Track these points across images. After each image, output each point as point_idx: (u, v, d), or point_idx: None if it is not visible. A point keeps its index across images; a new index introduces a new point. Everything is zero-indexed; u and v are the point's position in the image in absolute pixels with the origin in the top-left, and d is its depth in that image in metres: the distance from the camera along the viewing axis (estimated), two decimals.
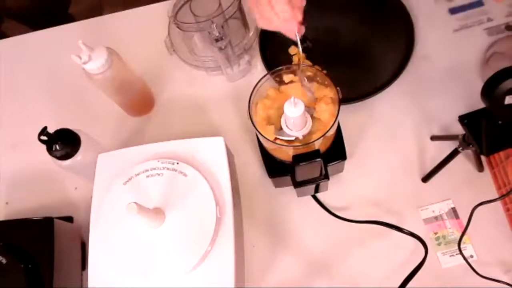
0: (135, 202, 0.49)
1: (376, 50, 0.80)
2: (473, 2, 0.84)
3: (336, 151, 0.64)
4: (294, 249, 0.70)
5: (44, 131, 0.61)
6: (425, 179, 0.71)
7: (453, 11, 0.84)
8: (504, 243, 0.67)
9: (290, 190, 0.70)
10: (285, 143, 0.60)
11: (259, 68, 0.83)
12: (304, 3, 0.60)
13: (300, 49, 0.60)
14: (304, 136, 0.60)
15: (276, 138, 0.60)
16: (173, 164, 0.59)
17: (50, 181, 0.79)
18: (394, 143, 0.75)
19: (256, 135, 0.63)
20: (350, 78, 0.78)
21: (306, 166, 0.59)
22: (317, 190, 0.70)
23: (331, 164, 0.64)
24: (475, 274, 0.63)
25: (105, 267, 0.55)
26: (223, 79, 0.83)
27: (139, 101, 0.81)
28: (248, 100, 0.61)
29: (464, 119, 0.60)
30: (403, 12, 0.81)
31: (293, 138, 0.60)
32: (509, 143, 0.58)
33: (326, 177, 0.64)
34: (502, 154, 0.67)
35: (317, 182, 0.65)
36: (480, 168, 0.71)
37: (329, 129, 0.58)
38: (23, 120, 0.86)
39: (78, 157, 0.65)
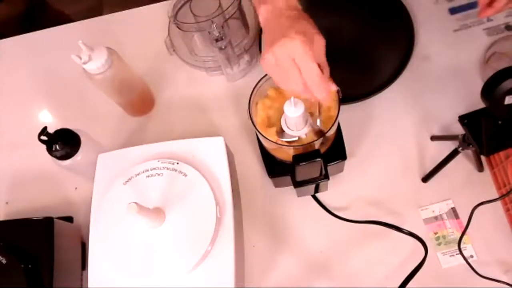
0: (135, 202, 0.49)
1: (376, 50, 0.80)
2: (473, 2, 0.84)
3: (336, 151, 0.64)
4: (294, 249, 0.70)
5: (44, 131, 0.61)
6: (425, 179, 0.71)
7: (453, 11, 0.84)
8: (504, 243, 0.67)
9: (290, 190, 0.70)
10: (286, 143, 0.60)
11: (259, 68, 0.83)
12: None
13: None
14: (306, 135, 0.60)
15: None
16: (173, 164, 0.59)
17: (50, 181, 0.78)
18: (394, 143, 0.75)
19: (256, 135, 0.63)
20: (350, 78, 0.77)
21: (306, 166, 0.59)
22: (317, 190, 0.70)
23: (331, 164, 0.64)
24: (475, 274, 0.63)
25: (105, 267, 0.55)
26: (223, 79, 0.83)
27: (139, 101, 0.81)
28: (248, 100, 0.61)
29: (464, 119, 0.60)
30: (403, 12, 0.81)
31: (294, 139, 0.60)
32: (509, 143, 0.58)
33: (326, 177, 0.64)
34: (502, 154, 0.67)
35: (317, 182, 0.65)
36: (480, 168, 0.71)
37: (329, 129, 0.58)
38: (23, 120, 0.86)
39: (78, 157, 0.65)
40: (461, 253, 0.64)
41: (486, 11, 0.62)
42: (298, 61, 0.49)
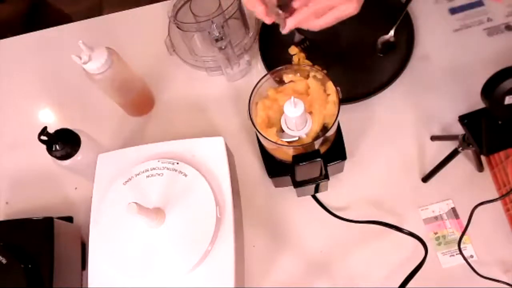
0: (135, 202, 0.49)
1: (376, 50, 0.80)
2: (473, 2, 0.84)
3: (336, 151, 0.64)
4: (294, 249, 0.70)
5: (44, 131, 0.61)
6: (425, 179, 0.71)
7: (453, 11, 0.84)
8: (504, 243, 0.67)
9: (290, 190, 0.70)
10: (286, 143, 0.60)
11: (259, 68, 0.83)
12: None
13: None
14: (305, 135, 0.60)
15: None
16: (173, 164, 0.59)
17: (50, 181, 0.79)
18: (394, 143, 0.75)
19: (256, 135, 0.63)
20: (350, 78, 0.78)
21: (306, 166, 0.59)
22: (317, 190, 0.70)
23: (331, 164, 0.64)
24: (475, 274, 0.63)
25: (105, 267, 0.55)
26: (223, 79, 0.83)
27: (139, 101, 0.81)
28: (248, 100, 0.61)
29: (464, 119, 0.60)
30: (403, 12, 0.81)
31: (294, 139, 0.60)
32: (509, 143, 0.58)
33: (326, 177, 0.64)
34: (502, 154, 0.67)
35: (317, 182, 0.65)
36: (480, 168, 0.71)
37: (329, 129, 0.58)
38: (23, 120, 0.86)
39: (78, 157, 0.65)
40: (461, 253, 0.64)
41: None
42: None
